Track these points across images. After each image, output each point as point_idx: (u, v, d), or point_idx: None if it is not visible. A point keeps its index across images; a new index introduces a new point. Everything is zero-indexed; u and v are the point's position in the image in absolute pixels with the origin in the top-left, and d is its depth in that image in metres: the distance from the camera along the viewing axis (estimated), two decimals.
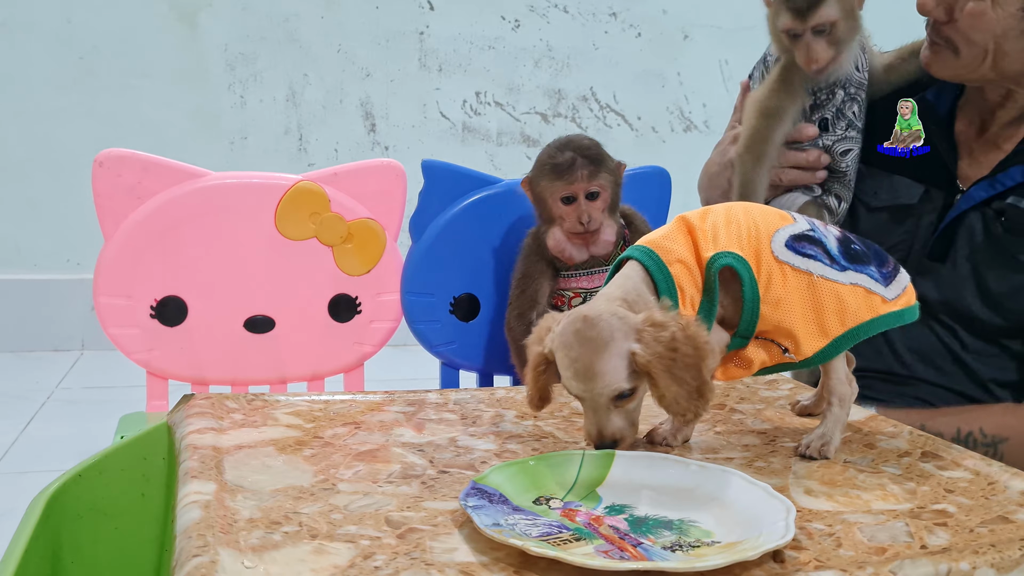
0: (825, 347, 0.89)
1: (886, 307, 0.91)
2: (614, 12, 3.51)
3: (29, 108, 3.08)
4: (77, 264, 3.14)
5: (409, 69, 3.39)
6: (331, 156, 3.32)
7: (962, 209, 1.32)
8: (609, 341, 0.82)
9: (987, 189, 1.30)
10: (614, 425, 0.85)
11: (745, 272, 0.87)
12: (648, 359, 0.81)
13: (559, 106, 3.52)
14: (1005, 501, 0.80)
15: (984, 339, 1.31)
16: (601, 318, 0.83)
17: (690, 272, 0.88)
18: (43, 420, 2.50)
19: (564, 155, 1.37)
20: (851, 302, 0.89)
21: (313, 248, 1.49)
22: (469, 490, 0.74)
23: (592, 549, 0.68)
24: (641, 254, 0.89)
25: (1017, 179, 1.29)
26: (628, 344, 0.82)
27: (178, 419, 0.97)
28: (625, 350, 0.82)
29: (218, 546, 0.67)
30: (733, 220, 0.90)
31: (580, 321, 0.83)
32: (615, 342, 0.82)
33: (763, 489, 0.76)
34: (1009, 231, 1.28)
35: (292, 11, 3.25)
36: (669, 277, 0.87)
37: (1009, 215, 1.28)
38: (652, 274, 0.87)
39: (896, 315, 0.92)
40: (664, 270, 0.87)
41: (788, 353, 0.90)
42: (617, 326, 0.83)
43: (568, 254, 1.39)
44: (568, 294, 1.41)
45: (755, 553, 0.66)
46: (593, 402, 0.84)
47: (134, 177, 1.42)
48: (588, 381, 0.83)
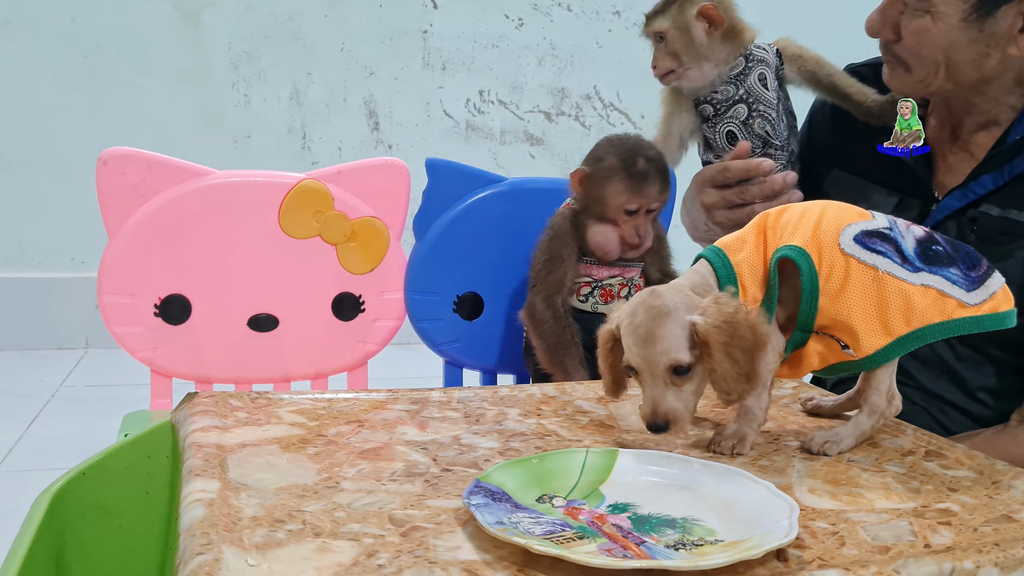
0: (887, 345, 0.89)
1: (962, 311, 0.90)
2: (617, 10, 3.51)
3: (33, 107, 3.09)
4: (81, 262, 3.15)
5: (413, 67, 3.39)
6: (335, 155, 3.33)
7: (937, 219, 1.32)
8: (673, 311, 0.85)
9: (960, 198, 1.30)
10: (669, 403, 0.85)
11: (804, 262, 0.88)
12: (708, 328, 0.83)
13: (562, 104, 3.52)
14: (1009, 500, 0.80)
15: (972, 348, 1.31)
16: (667, 293, 0.87)
17: (753, 270, 0.90)
18: (47, 418, 2.51)
19: (639, 164, 1.34)
20: (919, 302, 0.88)
21: (317, 247, 1.49)
22: (472, 488, 0.74)
23: (595, 547, 0.68)
24: (711, 252, 0.92)
25: (988, 187, 1.28)
26: (691, 316, 0.85)
27: (182, 417, 0.97)
28: (687, 322, 0.85)
29: (222, 544, 0.67)
30: (807, 215, 0.91)
31: (647, 293, 0.87)
32: (678, 312, 0.85)
33: (766, 488, 0.76)
34: (982, 239, 1.28)
35: (296, 10, 3.25)
36: (732, 274, 0.90)
37: (981, 223, 1.28)
38: (717, 270, 0.90)
39: (974, 320, 0.90)
40: (728, 266, 0.90)
41: (848, 349, 0.90)
42: (682, 300, 0.86)
43: (610, 254, 1.37)
44: (581, 282, 1.39)
45: (758, 552, 0.66)
46: (651, 373, 0.85)
47: (138, 176, 1.42)
48: (647, 347, 0.85)
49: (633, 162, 1.34)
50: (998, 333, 1.28)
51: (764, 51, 1.39)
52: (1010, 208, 1.27)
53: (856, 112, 1.42)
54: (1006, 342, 1.29)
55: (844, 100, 1.43)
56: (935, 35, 1.22)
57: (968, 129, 1.33)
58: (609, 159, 1.36)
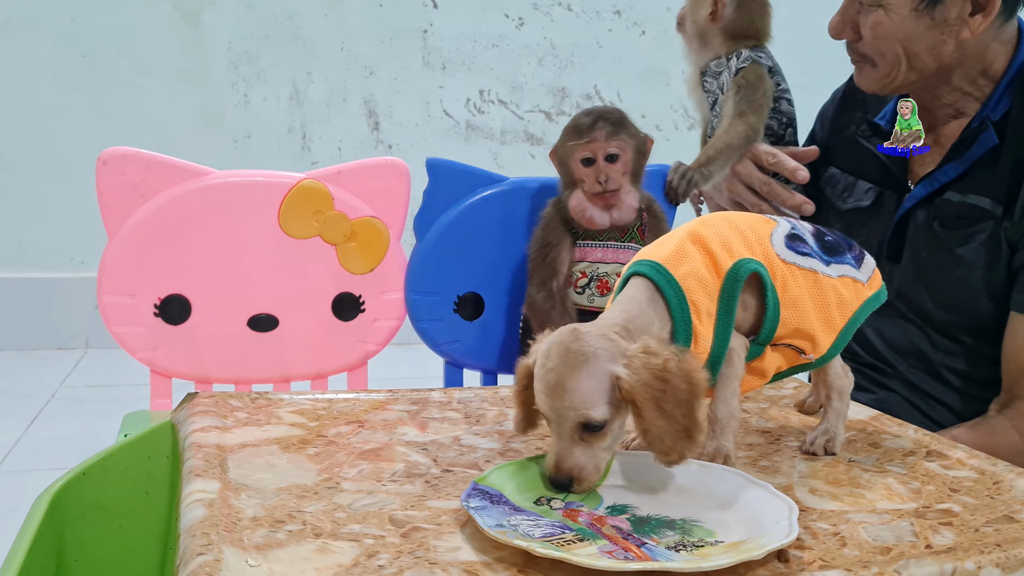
0: (835, 342, 0.89)
1: (867, 291, 0.92)
2: (618, 10, 3.51)
3: (33, 107, 3.09)
4: (81, 263, 3.15)
5: (413, 67, 3.38)
6: (335, 154, 3.32)
7: (906, 208, 1.35)
8: (591, 359, 0.74)
9: (927, 186, 1.35)
10: (575, 460, 0.76)
11: (768, 278, 0.85)
12: (635, 385, 0.73)
13: (563, 104, 3.52)
14: (1010, 500, 0.80)
15: (945, 336, 1.33)
16: (590, 334, 0.76)
17: (705, 285, 0.83)
18: (47, 419, 2.51)
19: (586, 118, 1.38)
20: (845, 293, 0.90)
21: (317, 247, 1.49)
22: (470, 491, 0.74)
23: (596, 550, 0.68)
24: (648, 268, 0.83)
25: (952, 175, 1.33)
26: (613, 367, 0.74)
27: (182, 417, 0.97)
28: (607, 373, 0.74)
29: (222, 544, 0.67)
30: (734, 226, 0.87)
31: (568, 332, 0.76)
32: (597, 362, 0.75)
33: (765, 488, 0.76)
34: (944, 225, 1.32)
35: (295, 9, 3.25)
36: (680, 291, 0.81)
37: (943, 209, 1.32)
38: (661, 288, 0.82)
39: (874, 298, 0.93)
40: (673, 283, 0.82)
41: (805, 354, 0.89)
42: (605, 347, 0.75)
43: (589, 215, 1.37)
44: (577, 273, 1.39)
45: (760, 552, 0.66)
46: (559, 425, 0.76)
47: (138, 175, 1.42)
48: (556, 398, 0.75)
49: (578, 118, 1.40)
50: (972, 322, 1.30)
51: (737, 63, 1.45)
52: (969, 193, 1.31)
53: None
54: (979, 330, 1.30)
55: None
56: (890, 27, 1.27)
57: (940, 121, 1.36)
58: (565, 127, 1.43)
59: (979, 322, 1.30)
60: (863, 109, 1.48)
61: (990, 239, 1.28)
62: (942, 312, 1.32)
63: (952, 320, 1.32)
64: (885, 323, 1.38)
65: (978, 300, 1.29)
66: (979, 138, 1.30)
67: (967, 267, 1.29)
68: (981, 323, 1.30)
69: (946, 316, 1.32)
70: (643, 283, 0.83)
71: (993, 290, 1.28)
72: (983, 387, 1.31)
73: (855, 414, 1.02)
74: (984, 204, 1.29)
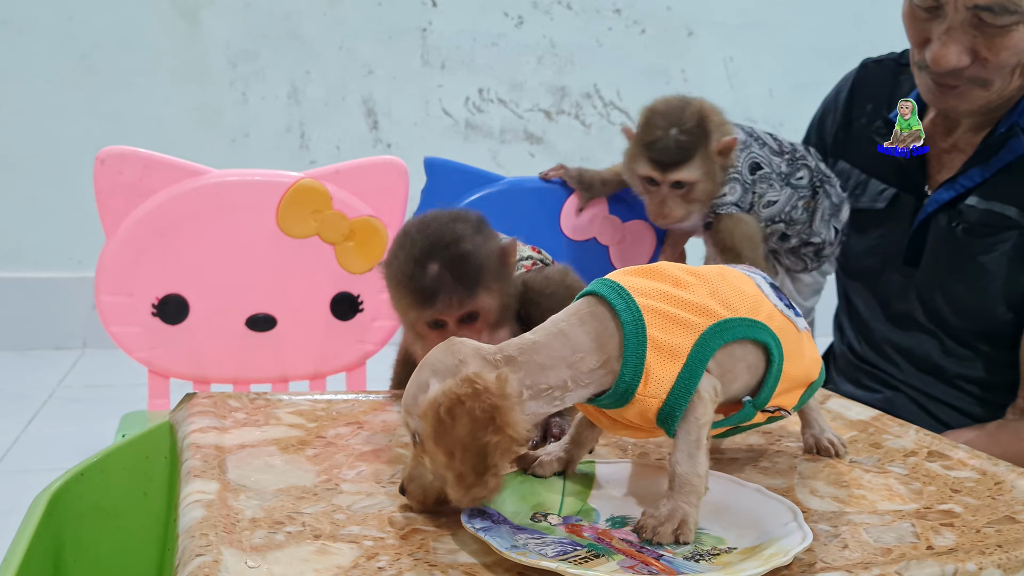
0: (804, 392, 0.83)
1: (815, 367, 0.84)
2: (618, 9, 3.50)
3: (30, 105, 3.08)
4: (79, 262, 3.14)
5: (412, 66, 3.38)
6: (333, 153, 3.32)
7: (928, 212, 1.33)
8: (432, 374, 0.69)
9: (949, 191, 1.33)
10: (408, 470, 0.74)
11: (777, 350, 0.76)
12: (421, 414, 0.68)
13: (562, 103, 3.51)
14: (1012, 501, 0.80)
15: (959, 342, 1.32)
16: (459, 350, 0.70)
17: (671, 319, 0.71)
18: (45, 419, 2.50)
19: (425, 273, 0.97)
20: (809, 346, 0.82)
21: (315, 246, 1.48)
22: (470, 511, 0.71)
23: (616, 565, 0.66)
24: (609, 289, 0.72)
25: (976, 180, 1.31)
26: (431, 388, 0.69)
27: (180, 418, 0.97)
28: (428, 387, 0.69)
29: (221, 545, 0.67)
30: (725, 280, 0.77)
31: (450, 340, 0.71)
32: (434, 376, 0.69)
33: (755, 490, 0.75)
34: (968, 232, 1.30)
35: (294, 8, 3.24)
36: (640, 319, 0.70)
37: (967, 216, 1.30)
38: (619, 313, 0.71)
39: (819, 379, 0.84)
40: (635, 310, 0.71)
41: (782, 411, 0.80)
42: (450, 365, 0.69)
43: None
44: None
45: (786, 559, 0.65)
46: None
47: (135, 175, 1.41)
48: (407, 392, 0.72)
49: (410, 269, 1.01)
50: (990, 329, 1.29)
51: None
52: (993, 200, 1.29)
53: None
54: (996, 337, 1.30)
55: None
56: (1020, 42, 1.22)
57: (964, 127, 1.34)
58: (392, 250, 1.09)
59: (997, 329, 1.29)
60: (873, 101, 1.46)
61: (1014, 249, 1.27)
62: (959, 319, 1.31)
63: (969, 327, 1.31)
64: (895, 329, 1.37)
65: (998, 308, 1.28)
66: (1008, 144, 1.28)
67: (990, 276, 1.28)
68: (999, 330, 1.29)
69: (963, 323, 1.31)
70: (595, 303, 0.72)
71: (1013, 299, 1.27)
72: (998, 392, 1.31)
73: (856, 415, 1.02)
74: (1010, 213, 1.27)
